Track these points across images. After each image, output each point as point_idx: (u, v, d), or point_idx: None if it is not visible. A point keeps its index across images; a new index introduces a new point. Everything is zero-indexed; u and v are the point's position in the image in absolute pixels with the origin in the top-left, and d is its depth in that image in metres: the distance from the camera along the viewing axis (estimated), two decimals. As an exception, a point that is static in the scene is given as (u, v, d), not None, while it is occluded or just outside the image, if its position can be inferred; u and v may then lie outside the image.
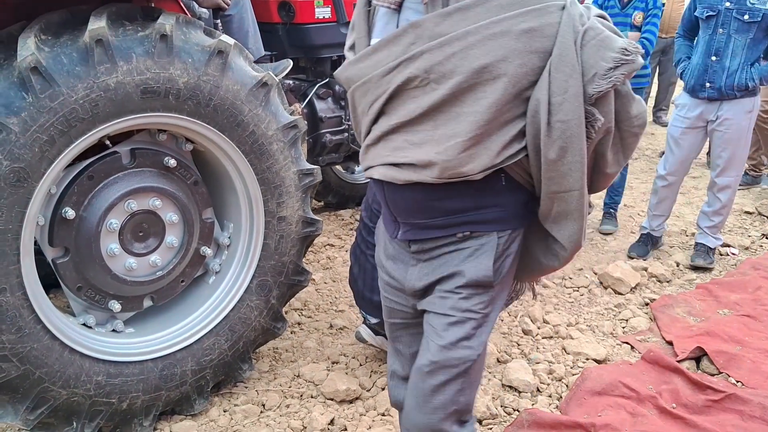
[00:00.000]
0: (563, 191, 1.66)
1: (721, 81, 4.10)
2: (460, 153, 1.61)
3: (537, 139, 1.61)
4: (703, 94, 4.19)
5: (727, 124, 4.18)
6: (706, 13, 4.15)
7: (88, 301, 2.66)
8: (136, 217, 2.66)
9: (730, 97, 4.13)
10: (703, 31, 4.21)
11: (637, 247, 4.69)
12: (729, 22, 4.07)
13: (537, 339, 3.53)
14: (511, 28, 1.54)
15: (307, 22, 3.74)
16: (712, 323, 3.57)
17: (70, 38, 2.32)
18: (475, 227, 1.76)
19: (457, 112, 1.60)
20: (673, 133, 4.42)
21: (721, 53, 4.10)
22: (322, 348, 3.43)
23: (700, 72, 4.18)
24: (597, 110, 1.61)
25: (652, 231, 4.70)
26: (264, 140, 2.78)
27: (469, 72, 1.55)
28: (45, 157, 2.28)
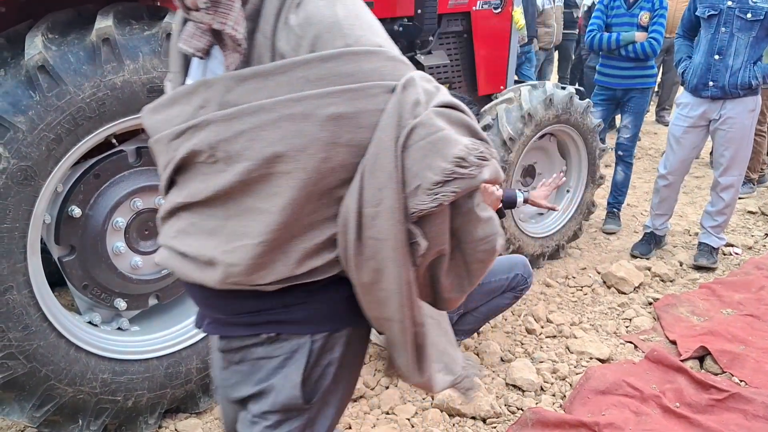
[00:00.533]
0: (383, 318, 1.33)
1: (725, 80, 4.10)
2: (250, 259, 1.26)
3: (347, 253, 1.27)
4: (706, 93, 4.19)
5: (731, 123, 4.18)
6: (708, 12, 4.14)
7: (93, 300, 2.67)
8: (142, 215, 2.67)
9: (734, 96, 4.13)
10: (705, 31, 4.20)
11: (640, 245, 4.70)
12: (732, 21, 4.06)
13: (541, 338, 3.53)
14: (314, 110, 1.19)
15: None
16: (715, 323, 3.57)
17: (77, 37, 2.32)
18: (281, 328, 1.38)
19: (250, 206, 1.26)
20: (674, 132, 4.42)
21: (724, 52, 4.10)
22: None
23: (703, 71, 4.17)
24: (420, 231, 1.25)
25: (656, 230, 4.71)
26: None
27: (259, 159, 1.21)
28: (52, 155, 2.29)
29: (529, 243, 4.27)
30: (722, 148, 4.29)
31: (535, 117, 3.99)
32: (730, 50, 4.08)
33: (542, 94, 4.04)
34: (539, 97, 4.03)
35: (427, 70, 4.22)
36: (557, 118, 4.13)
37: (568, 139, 4.41)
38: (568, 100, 4.14)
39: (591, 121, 4.37)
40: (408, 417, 2.87)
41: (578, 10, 8.87)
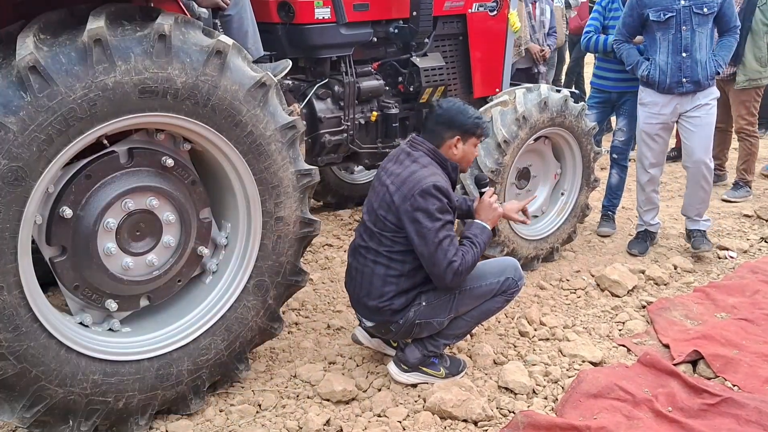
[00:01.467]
0: None
1: (698, 74, 4.30)
2: None
3: None
4: (680, 89, 4.36)
5: (704, 110, 4.40)
6: (664, 15, 4.28)
7: (84, 300, 2.66)
8: (134, 216, 2.67)
9: (704, 87, 4.36)
10: (663, 32, 4.34)
11: (636, 243, 4.77)
12: (690, 19, 4.25)
13: (533, 341, 3.53)
14: None
15: (306, 22, 3.74)
16: (709, 327, 3.57)
17: (68, 38, 2.32)
18: None
19: None
20: (648, 130, 4.56)
21: (690, 48, 4.28)
22: (319, 348, 3.43)
23: (674, 70, 4.33)
24: None
25: (648, 227, 4.81)
26: (262, 140, 2.79)
27: None
28: (43, 156, 2.28)
29: (523, 245, 4.27)
30: (693, 135, 4.45)
31: (530, 120, 3.99)
32: (695, 46, 4.28)
33: (537, 97, 4.05)
34: (534, 100, 4.03)
35: (422, 72, 4.23)
36: (552, 121, 4.13)
37: (563, 142, 4.41)
38: (563, 103, 4.14)
39: (586, 124, 4.37)
40: (399, 420, 2.87)
41: (571, 10, 8.87)
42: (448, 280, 2.95)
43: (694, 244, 4.64)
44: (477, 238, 3.07)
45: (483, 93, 4.70)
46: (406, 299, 3.05)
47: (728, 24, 4.40)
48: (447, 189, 2.97)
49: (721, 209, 5.61)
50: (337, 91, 3.99)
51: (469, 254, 2.99)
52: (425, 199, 2.90)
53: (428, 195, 2.90)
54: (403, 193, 2.94)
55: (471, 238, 3.07)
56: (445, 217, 2.94)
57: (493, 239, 4.00)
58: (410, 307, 3.05)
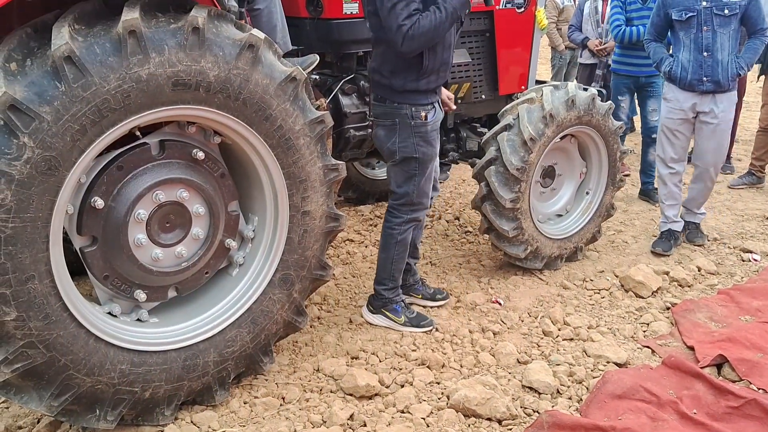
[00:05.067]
0: None
1: (718, 75, 4.38)
2: None
3: None
4: (701, 87, 4.45)
5: (722, 116, 4.49)
6: (685, 15, 4.40)
7: (113, 290, 2.68)
8: (164, 208, 2.68)
9: (724, 89, 4.44)
10: (686, 32, 4.45)
11: (660, 242, 4.79)
12: (711, 19, 4.34)
13: (557, 341, 3.51)
14: None
15: (335, 17, 3.74)
16: (733, 329, 3.54)
17: (103, 28, 2.33)
18: None
19: None
20: (669, 125, 4.66)
21: (711, 48, 4.37)
22: (341, 343, 3.44)
23: (695, 68, 4.43)
24: None
25: (672, 224, 4.84)
26: (291, 135, 2.79)
27: None
28: (76, 146, 2.29)
29: (547, 244, 4.25)
30: (708, 138, 4.57)
31: (557, 118, 3.96)
32: (716, 46, 4.36)
33: (564, 95, 4.02)
34: (561, 98, 4.00)
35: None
36: (579, 120, 4.10)
37: (589, 141, 4.38)
38: (590, 102, 4.11)
39: (612, 123, 4.34)
40: (423, 416, 2.87)
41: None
42: (399, 44, 3.03)
43: (688, 237, 4.88)
44: (446, 2, 3.07)
45: (509, 90, 4.68)
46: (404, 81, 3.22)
47: (755, 26, 4.43)
48: None
49: (744, 212, 5.56)
50: (362, 86, 3.98)
51: (426, 18, 3.01)
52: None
53: None
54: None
55: (439, 2, 3.08)
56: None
57: (517, 237, 4.03)
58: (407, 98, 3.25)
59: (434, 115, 3.37)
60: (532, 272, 4.29)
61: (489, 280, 4.19)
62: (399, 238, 3.51)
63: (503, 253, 4.24)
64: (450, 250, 4.67)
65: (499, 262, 4.43)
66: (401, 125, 3.31)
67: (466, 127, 4.69)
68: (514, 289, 4.09)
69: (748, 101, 9.34)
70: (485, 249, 4.64)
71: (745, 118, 8.72)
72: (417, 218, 3.53)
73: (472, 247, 4.72)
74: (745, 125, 8.39)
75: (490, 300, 3.93)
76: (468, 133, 4.66)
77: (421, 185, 3.41)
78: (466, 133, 4.65)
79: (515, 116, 3.97)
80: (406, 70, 3.22)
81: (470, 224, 5.10)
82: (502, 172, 3.92)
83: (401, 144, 3.33)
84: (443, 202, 5.59)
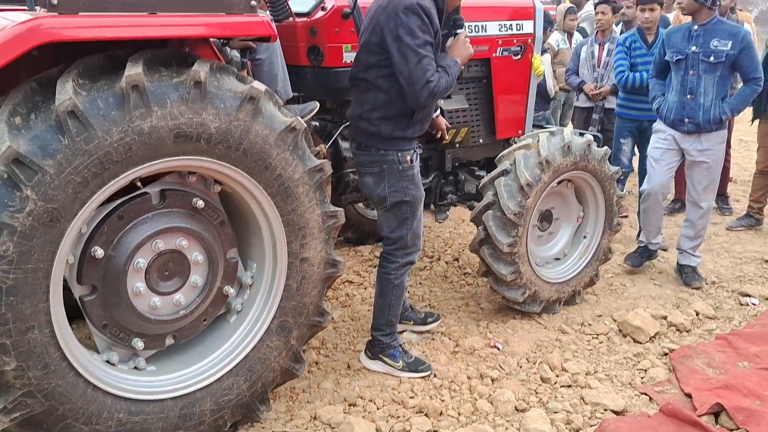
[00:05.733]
0: None
1: (699, 117, 4.58)
2: None
3: None
4: (682, 127, 4.67)
5: (708, 154, 4.67)
6: (675, 57, 4.64)
7: (112, 339, 2.70)
8: (163, 256, 2.71)
9: (707, 131, 4.60)
10: (675, 73, 4.70)
11: (632, 257, 5.16)
12: (697, 64, 4.56)
13: (555, 387, 3.51)
14: None
15: (335, 65, 3.81)
16: (731, 376, 3.53)
17: (107, 83, 2.39)
18: None
19: None
20: (654, 154, 4.87)
21: (695, 91, 4.58)
22: (339, 389, 3.44)
23: (678, 109, 4.65)
24: None
25: (649, 244, 5.11)
26: (290, 183, 2.83)
27: None
28: (78, 198, 2.33)
29: (545, 288, 4.26)
30: (699, 177, 4.76)
31: (553, 163, 4.01)
32: (699, 90, 4.57)
33: (560, 141, 4.07)
34: (557, 144, 4.05)
35: (446, 114, 4.28)
36: (575, 165, 4.15)
37: (586, 186, 4.42)
38: (586, 148, 4.16)
39: (609, 168, 4.38)
40: (420, 465, 2.86)
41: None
42: (422, 98, 3.12)
43: (685, 280, 4.92)
44: (450, 68, 3.22)
45: (506, 135, 4.74)
46: (393, 128, 3.27)
47: (747, 75, 4.59)
48: (430, 10, 3.08)
49: (743, 255, 5.57)
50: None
51: (443, 79, 3.16)
52: (407, 16, 3.03)
53: (411, 12, 3.03)
54: (388, 11, 3.09)
55: (445, 67, 3.21)
56: (426, 37, 3.07)
57: (515, 281, 4.05)
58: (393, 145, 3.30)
59: (417, 159, 3.46)
60: (531, 316, 4.30)
61: (488, 323, 4.20)
62: (396, 282, 3.53)
63: (502, 297, 4.26)
64: (449, 293, 4.68)
65: (497, 305, 4.44)
66: (389, 171, 3.35)
67: (465, 171, 4.75)
68: (512, 333, 4.10)
69: (747, 141, 9.43)
70: (484, 291, 4.66)
71: (744, 158, 8.79)
72: (412, 261, 3.56)
73: (471, 290, 4.73)
74: (743, 165, 8.44)
75: (489, 344, 3.93)
76: (466, 176, 4.71)
77: (414, 228, 3.47)
78: (464, 176, 4.70)
79: (512, 162, 4.02)
80: (396, 118, 3.28)
81: (469, 266, 5.12)
82: (500, 216, 3.96)
83: (391, 189, 3.38)
84: (442, 243, 5.62)
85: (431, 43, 3.10)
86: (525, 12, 4.62)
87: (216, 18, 2.63)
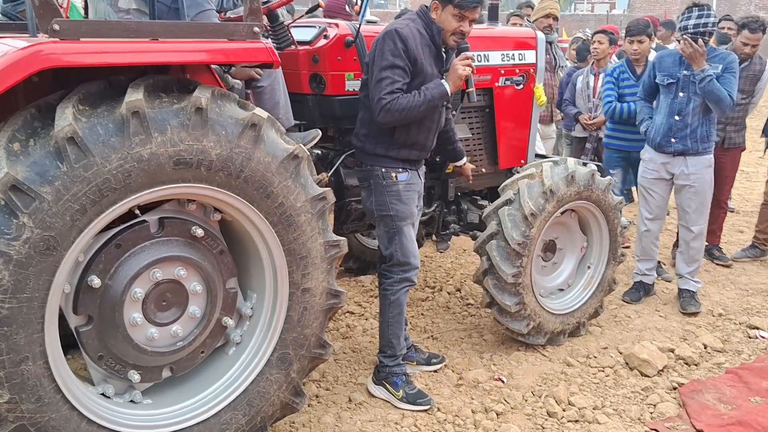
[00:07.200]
0: None
1: (687, 138, 4.66)
2: None
3: None
4: (669, 149, 4.73)
5: (694, 178, 4.75)
6: (666, 80, 4.72)
7: (108, 371, 2.62)
8: (161, 286, 2.65)
9: (694, 152, 4.69)
10: (665, 95, 4.77)
11: (630, 293, 5.14)
12: (688, 86, 4.63)
13: (562, 422, 3.42)
14: None
15: (337, 93, 3.78)
16: (743, 412, 3.45)
17: (107, 109, 2.35)
18: None
19: None
20: (644, 183, 4.97)
21: (683, 113, 4.66)
22: (340, 424, 3.34)
23: (665, 130, 4.72)
24: None
25: (644, 276, 5.14)
26: (292, 211, 2.78)
27: None
28: (75, 225, 2.28)
29: (550, 320, 4.19)
30: (688, 201, 4.84)
31: (557, 193, 3.97)
32: (687, 110, 4.65)
33: (564, 171, 4.03)
34: (561, 174, 4.01)
35: (449, 144, 4.25)
36: (579, 195, 4.10)
37: (590, 216, 4.37)
38: (590, 177, 4.12)
39: (613, 198, 4.34)
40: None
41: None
42: (376, 114, 3.25)
43: (682, 305, 4.94)
44: (427, 90, 3.28)
45: (508, 164, 4.70)
46: (375, 145, 3.41)
47: None
48: (408, 37, 3.22)
49: (749, 286, 5.50)
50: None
51: (405, 99, 3.22)
52: (384, 41, 3.23)
53: (387, 38, 3.22)
54: (376, 40, 3.30)
55: (422, 90, 3.29)
56: (395, 60, 3.20)
57: (519, 312, 3.98)
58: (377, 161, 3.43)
59: (407, 177, 3.50)
60: (535, 348, 4.22)
61: (491, 355, 4.11)
62: (392, 298, 3.56)
63: (505, 328, 4.18)
64: (451, 324, 4.60)
65: (501, 336, 4.36)
66: (375, 185, 3.49)
67: (467, 200, 4.70)
68: (516, 365, 4.01)
69: (748, 172, 9.41)
70: (487, 322, 4.58)
71: (746, 188, 8.76)
72: (408, 278, 3.59)
73: (473, 321, 4.66)
74: (745, 196, 8.40)
75: (493, 377, 3.85)
76: (469, 205, 4.67)
77: (404, 245, 3.52)
78: (467, 206, 4.65)
79: (516, 191, 3.97)
80: (376, 137, 3.43)
81: (471, 296, 5.05)
82: (504, 246, 3.90)
83: (376, 202, 3.51)
84: (444, 273, 5.55)
85: (401, 67, 3.22)
86: (527, 42, 4.62)
87: (218, 44, 2.61)
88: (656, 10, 30.19)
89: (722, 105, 4.54)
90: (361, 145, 3.49)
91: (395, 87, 3.21)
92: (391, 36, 3.21)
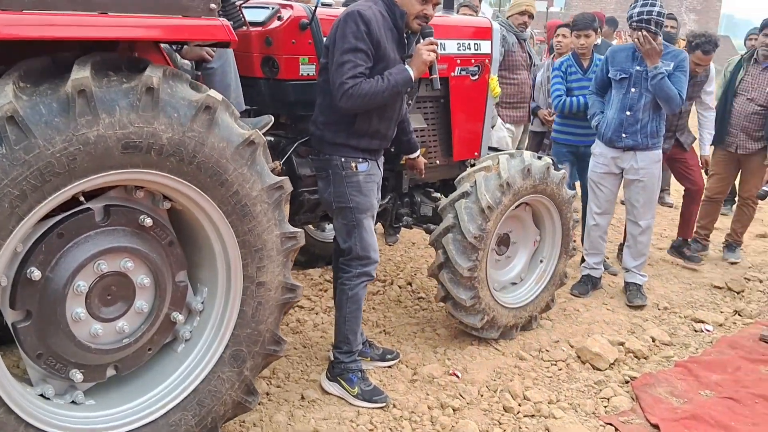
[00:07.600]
0: None
1: (636, 132, 4.70)
2: None
3: None
4: (620, 144, 4.78)
5: (642, 173, 4.80)
6: (619, 75, 4.75)
7: (47, 370, 2.43)
8: (106, 279, 2.47)
9: (643, 147, 4.74)
10: (617, 90, 4.81)
11: (578, 286, 5.20)
12: (640, 82, 4.67)
13: (519, 417, 3.38)
14: None
15: (291, 78, 3.63)
16: (696, 406, 3.48)
17: (50, 87, 2.16)
18: None
19: None
20: (594, 178, 5.02)
21: (634, 108, 4.70)
22: (293, 422, 3.22)
23: (616, 125, 4.76)
24: None
25: (591, 270, 5.21)
26: (247, 201, 2.64)
27: None
28: (15, 213, 2.09)
29: (503, 313, 4.15)
30: (636, 194, 4.89)
31: (514, 186, 3.93)
32: (638, 106, 4.69)
33: (520, 164, 3.99)
34: (517, 167, 3.97)
35: (404, 134, 4.15)
36: (534, 188, 4.08)
37: (544, 209, 4.36)
38: (545, 171, 4.09)
39: (566, 192, 4.33)
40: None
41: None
42: (337, 99, 3.13)
43: (628, 297, 5.02)
44: (391, 75, 3.17)
45: (463, 156, 4.63)
46: (335, 134, 3.30)
47: None
48: (370, 19, 3.10)
49: (691, 280, 5.61)
50: (317, 148, 3.86)
51: (368, 84, 3.11)
52: (345, 23, 3.10)
53: (349, 19, 3.09)
54: (337, 22, 3.17)
55: (386, 75, 3.18)
56: (358, 44, 3.08)
57: (474, 306, 3.93)
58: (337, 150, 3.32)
59: (367, 167, 3.39)
60: (488, 342, 4.18)
61: (445, 350, 4.05)
62: (350, 293, 3.44)
63: (459, 322, 4.13)
64: (404, 318, 4.52)
65: (454, 330, 4.31)
66: (334, 176, 3.36)
67: (420, 192, 4.61)
68: (470, 360, 3.96)
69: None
70: (440, 317, 4.52)
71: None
72: (368, 272, 3.48)
73: (426, 315, 4.59)
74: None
75: (448, 372, 3.78)
76: (422, 198, 4.58)
77: (364, 238, 3.41)
78: (420, 198, 4.56)
79: (472, 184, 3.91)
80: (337, 124, 3.31)
81: (423, 290, 4.98)
82: (460, 240, 3.84)
83: (335, 193, 3.39)
84: (394, 267, 5.46)
85: (364, 50, 3.10)
86: (483, 32, 4.55)
87: (172, 20, 2.43)
88: (591, 8, 30.79)
89: (672, 103, 4.59)
90: (320, 133, 3.36)
91: (357, 71, 3.09)
92: (354, 18, 3.08)
